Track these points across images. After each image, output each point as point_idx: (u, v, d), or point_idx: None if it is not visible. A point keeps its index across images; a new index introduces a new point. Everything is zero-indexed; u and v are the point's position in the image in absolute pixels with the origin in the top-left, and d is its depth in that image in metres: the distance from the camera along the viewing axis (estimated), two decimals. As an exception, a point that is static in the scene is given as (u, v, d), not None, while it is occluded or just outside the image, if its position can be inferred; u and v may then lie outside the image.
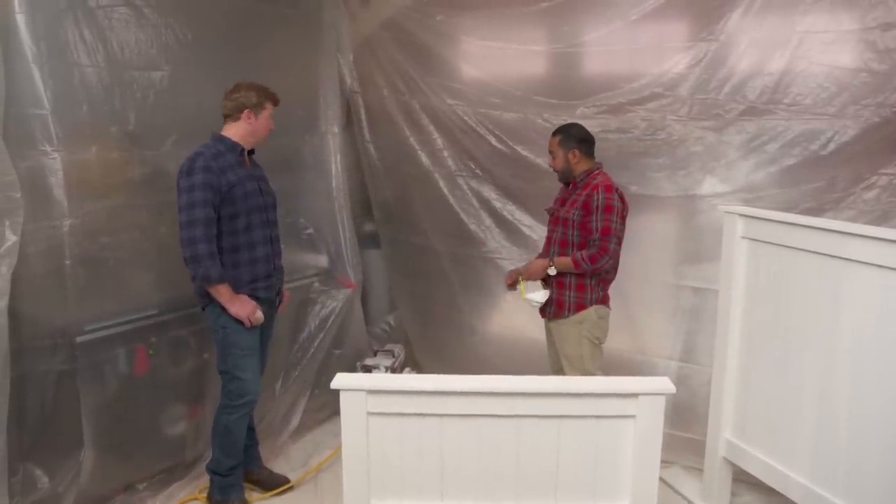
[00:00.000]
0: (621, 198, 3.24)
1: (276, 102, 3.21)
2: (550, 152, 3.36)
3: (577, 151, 3.27)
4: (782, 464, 2.89)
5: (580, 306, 3.27)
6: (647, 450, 2.09)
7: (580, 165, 3.29)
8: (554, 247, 3.35)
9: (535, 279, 3.36)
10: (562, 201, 3.38)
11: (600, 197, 3.16)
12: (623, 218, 3.24)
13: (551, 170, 3.40)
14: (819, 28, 3.23)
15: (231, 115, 3.13)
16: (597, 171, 3.28)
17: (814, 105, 3.27)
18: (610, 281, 3.36)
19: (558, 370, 3.44)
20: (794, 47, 3.27)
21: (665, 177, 3.65)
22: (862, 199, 3.25)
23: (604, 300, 3.33)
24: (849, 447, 2.60)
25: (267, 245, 3.22)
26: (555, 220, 3.38)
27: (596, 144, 3.34)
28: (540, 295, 3.35)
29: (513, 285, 3.47)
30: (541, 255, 3.47)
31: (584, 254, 3.19)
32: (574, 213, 3.24)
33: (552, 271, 3.28)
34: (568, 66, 3.93)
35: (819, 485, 2.71)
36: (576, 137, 3.29)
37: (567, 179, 3.35)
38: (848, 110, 3.20)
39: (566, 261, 3.25)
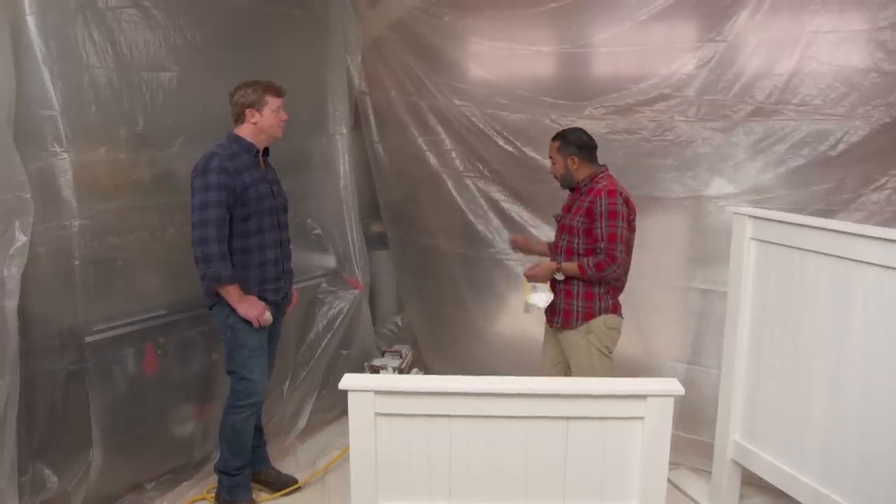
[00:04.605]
0: (627, 201, 3.12)
1: (278, 94, 3.16)
2: (550, 158, 3.27)
3: (575, 158, 3.18)
4: (791, 466, 2.88)
5: (588, 315, 3.19)
6: (655, 451, 2.08)
7: (581, 171, 3.20)
8: (560, 255, 3.26)
9: (541, 282, 3.28)
10: (567, 208, 3.30)
11: (604, 202, 3.07)
12: (630, 222, 3.14)
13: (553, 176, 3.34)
14: (828, 28, 3.21)
15: (238, 118, 3.14)
16: (601, 175, 3.20)
17: (823, 105, 3.25)
18: (619, 289, 3.27)
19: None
20: (804, 47, 3.26)
21: (673, 178, 3.64)
22: (872, 200, 3.24)
23: (614, 308, 3.23)
24: (859, 449, 2.59)
25: (277, 248, 3.22)
26: (561, 228, 3.29)
27: (604, 146, 3.32)
28: (543, 299, 3.26)
29: (519, 244, 3.55)
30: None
31: (591, 261, 3.10)
32: (579, 221, 3.16)
33: (559, 276, 3.20)
34: (576, 66, 3.92)
35: (828, 487, 2.70)
36: (574, 143, 3.19)
37: (569, 185, 3.27)
38: (858, 111, 3.19)
39: (573, 266, 3.15)
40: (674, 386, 2.07)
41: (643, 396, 2.06)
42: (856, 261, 2.56)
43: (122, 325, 3.20)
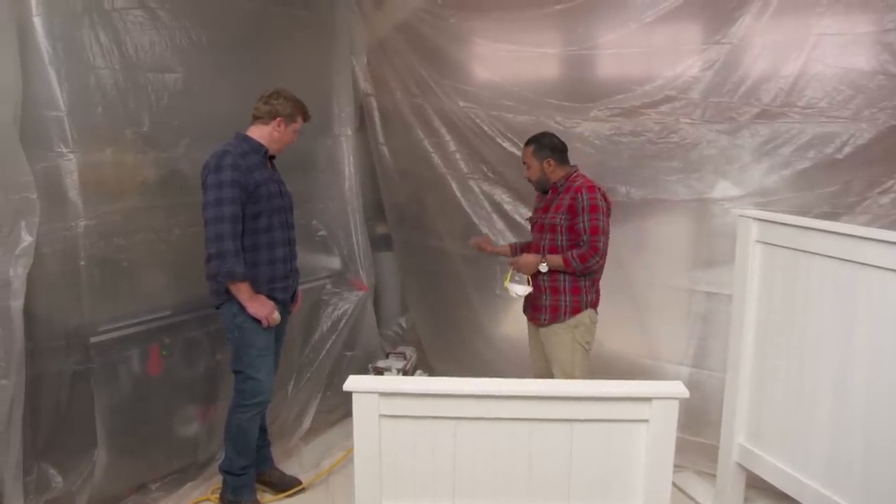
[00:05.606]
0: (604, 196, 3.24)
1: (306, 119, 3.26)
2: (525, 163, 3.37)
3: (551, 160, 3.29)
4: (796, 469, 2.87)
5: (576, 309, 3.28)
6: (659, 454, 2.08)
7: (556, 173, 3.31)
8: (544, 253, 3.33)
9: (525, 273, 3.37)
10: (544, 209, 3.37)
11: (584, 197, 3.18)
12: (608, 216, 3.24)
13: (527, 181, 3.41)
14: (834, 30, 3.21)
15: (262, 118, 3.16)
16: (575, 174, 3.29)
17: (829, 108, 3.24)
18: (599, 280, 3.36)
19: (543, 376, 3.41)
20: (809, 50, 3.25)
21: (678, 180, 3.64)
22: (877, 203, 3.22)
23: (595, 304, 3.34)
24: (864, 452, 2.58)
25: (285, 247, 3.24)
26: (539, 228, 3.37)
27: (609, 148, 3.33)
28: (522, 289, 3.36)
29: (479, 246, 3.65)
30: None
31: (575, 253, 3.20)
32: (560, 218, 3.24)
33: (543, 268, 3.27)
34: (581, 68, 3.92)
35: (833, 491, 2.69)
36: (549, 146, 3.31)
37: (544, 188, 3.38)
38: (863, 113, 3.18)
39: (557, 259, 3.24)
40: (678, 389, 2.06)
41: (648, 399, 2.05)
42: (861, 264, 2.55)
43: (128, 325, 3.20)
